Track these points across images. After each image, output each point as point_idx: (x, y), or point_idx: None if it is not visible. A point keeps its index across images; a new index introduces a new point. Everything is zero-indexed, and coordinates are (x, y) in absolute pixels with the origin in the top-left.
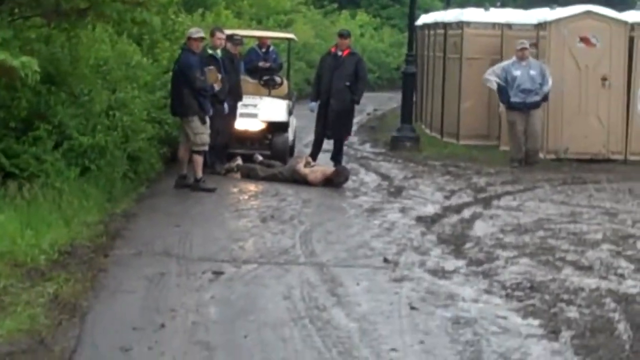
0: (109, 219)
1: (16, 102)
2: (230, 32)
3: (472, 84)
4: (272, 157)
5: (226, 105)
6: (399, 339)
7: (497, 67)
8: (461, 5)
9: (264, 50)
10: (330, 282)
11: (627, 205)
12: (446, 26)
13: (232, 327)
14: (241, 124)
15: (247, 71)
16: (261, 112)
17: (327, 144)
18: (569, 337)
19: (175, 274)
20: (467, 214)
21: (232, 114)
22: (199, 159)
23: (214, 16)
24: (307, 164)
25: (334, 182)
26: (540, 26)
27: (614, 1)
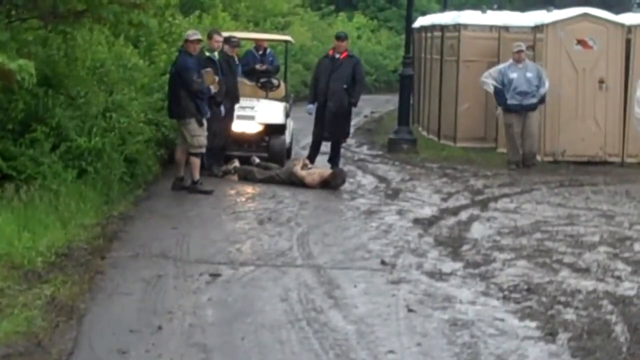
0: (106, 221)
1: (13, 105)
2: (227, 34)
3: (469, 86)
4: (269, 159)
5: (223, 107)
6: (397, 341)
7: (493, 69)
8: (458, 7)
9: (260, 52)
10: (327, 285)
11: (624, 207)
12: (443, 28)
13: (229, 329)
14: (238, 126)
15: (244, 73)
16: (258, 114)
17: (324, 146)
18: (566, 339)
19: (172, 276)
20: (464, 216)
21: (229, 117)
22: (196, 161)
23: (211, 18)
24: (305, 166)
25: (331, 184)
26: (537, 29)
27: (611, 3)
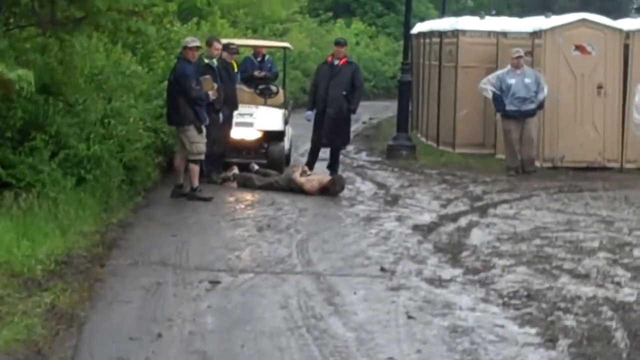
0: (105, 229)
1: (12, 112)
2: (226, 41)
3: (468, 92)
4: (268, 166)
5: (221, 114)
6: (396, 348)
7: (492, 76)
8: (456, 13)
9: (259, 59)
10: (327, 291)
11: (624, 213)
12: (442, 34)
13: (228, 336)
14: (237, 133)
15: (242, 80)
16: (257, 121)
17: (323, 153)
18: (566, 345)
19: (171, 283)
20: (463, 222)
21: (228, 124)
22: (195, 168)
23: (209, 25)
24: (303, 173)
25: (330, 191)
26: (535, 34)
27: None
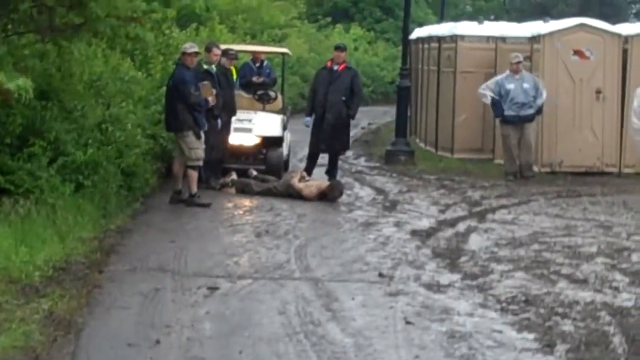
0: (103, 235)
1: (11, 119)
2: (224, 47)
3: (467, 97)
4: (267, 171)
5: (219, 120)
6: (395, 353)
7: (491, 81)
8: (455, 18)
9: (258, 64)
10: (325, 297)
11: (622, 218)
12: (440, 40)
13: (227, 342)
14: (236, 139)
15: (241, 86)
16: (255, 126)
17: (321, 158)
18: (564, 350)
19: (170, 289)
20: (462, 227)
21: (226, 129)
22: (193, 174)
23: (208, 31)
24: (302, 179)
25: (329, 196)
26: (534, 39)
27: (607, 14)
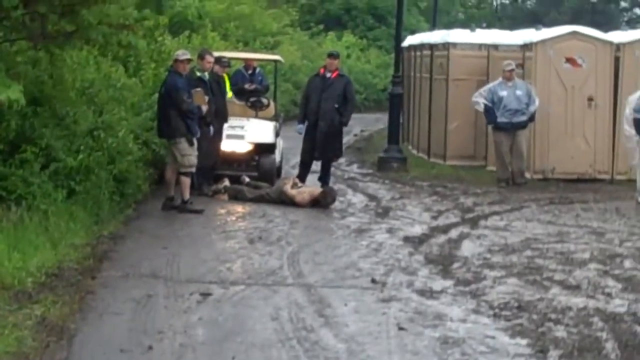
0: (96, 241)
1: (4, 125)
2: (217, 54)
3: (459, 104)
4: (259, 178)
5: (211, 127)
6: (387, 359)
7: (484, 89)
8: (447, 26)
9: (250, 72)
10: (318, 303)
11: (614, 224)
12: (432, 47)
13: (220, 348)
14: (228, 146)
15: (233, 93)
16: (248, 133)
17: (314, 165)
18: (556, 356)
19: (162, 295)
20: (454, 234)
21: (218, 136)
22: (186, 181)
23: (200, 38)
24: (295, 185)
25: (322, 203)
26: (526, 47)
27: (599, 22)
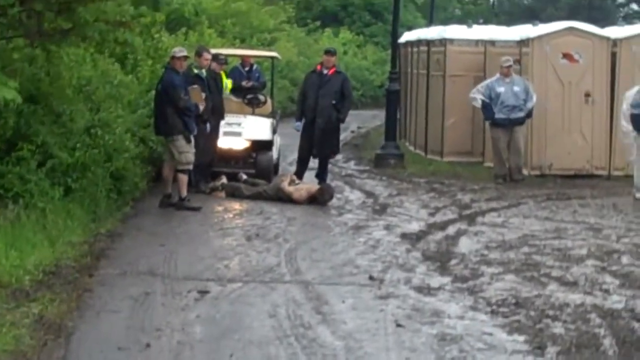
0: (93, 239)
1: (1, 123)
2: (214, 51)
3: (456, 100)
4: (257, 175)
5: (208, 124)
6: (385, 356)
7: (481, 85)
8: (444, 22)
9: (247, 69)
10: (315, 300)
11: (612, 220)
12: (429, 43)
13: (217, 346)
14: (225, 143)
15: (230, 90)
16: (245, 130)
17: (311, 162)
18: (554, 352)
19: (160, 293)
20: (452, 230)
21: (215, 133)
22: (183, 178)
23: (197, 35)
24: (292, 182)
25: (319, 200)
26: (522, 43)
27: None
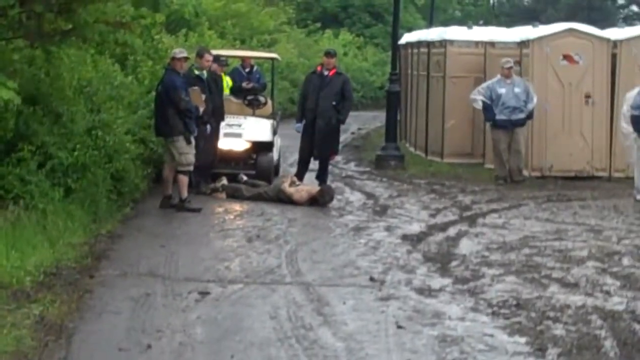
0: (94, 240)
1: (2, 124)
2: (215, 52)
3: (456, 102)
4: (257, 176)
5: (208, 125)
6: (386, 357)
7: (482, 86)
8: (444, 23)
9: (247, 70)
10: (316, 302)
11: (612, 222)
12: (429, 45)
13: (218, 347)
14: (226, 144)
15: (230, 91)
16: (245, 131)
17: (312, 163)
18: (555, 354)
19: (160, 294)
20: (452, 232)
21: (216, 134)
22: (184, 179)
23: (197, 36)
24: (292, 184)
25: (319, 201)
26: (523, 44)
27: (596, 18)
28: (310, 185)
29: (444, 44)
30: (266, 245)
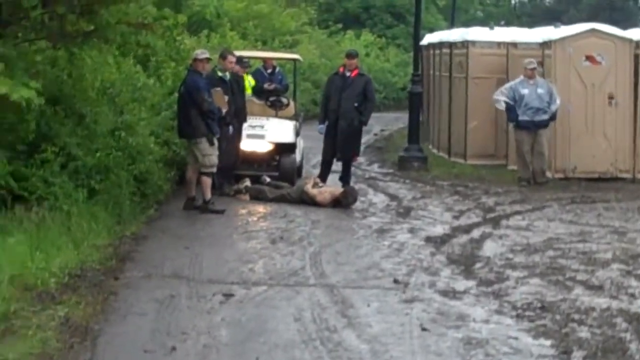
0: (118, 242)
1: (24, 125)
2: (237, 53)
3: (479, 103)
4: (280, 178)
5: (231, 127)
6: None
7: (505, 87)
8: (466, 24)
9: (269, 71)
10: (340, 304)
11: (637, 224)
12: (451, 45)
13: (243, 349)
14: (248, 145)
15: (253, 92)
16: (268, 133)
17: (334, 165)
18: (580, 357)
19: (185, 296)
20: (476, 234)
21: (238, 136)
22: (207, 181)
23: (219, 37)
24: (315, 185)
25: (343, 203)
26: (545, 45)
27: (618, 19)
28: (333, 186)
29: (466, 44)
30: (290, 247)
